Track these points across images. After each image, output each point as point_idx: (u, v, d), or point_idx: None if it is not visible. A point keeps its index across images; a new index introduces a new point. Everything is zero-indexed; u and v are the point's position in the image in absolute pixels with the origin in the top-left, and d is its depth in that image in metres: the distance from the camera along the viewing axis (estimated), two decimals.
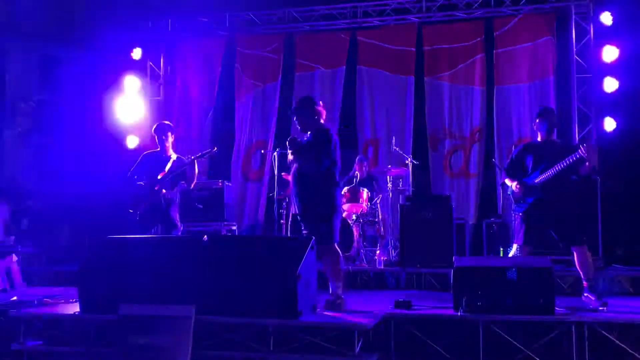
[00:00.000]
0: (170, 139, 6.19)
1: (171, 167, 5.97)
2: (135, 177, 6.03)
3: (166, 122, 6.41)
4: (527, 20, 8.77)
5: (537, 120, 5.20)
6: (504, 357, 4.19)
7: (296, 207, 4.93)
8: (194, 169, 5.95)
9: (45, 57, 10.51)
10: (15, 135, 10.28)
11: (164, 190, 5.88)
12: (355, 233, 7.43)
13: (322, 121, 5.00)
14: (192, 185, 6.15)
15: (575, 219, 5.05)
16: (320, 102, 5.09)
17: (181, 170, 5.94)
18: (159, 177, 5.91)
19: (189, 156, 6.11)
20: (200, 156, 5.97)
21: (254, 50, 9.79)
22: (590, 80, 8.32)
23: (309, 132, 4.99)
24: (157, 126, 6.27)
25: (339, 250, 4.84)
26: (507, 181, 5.30)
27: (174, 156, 6.12)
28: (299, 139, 5.00)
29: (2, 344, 4.49)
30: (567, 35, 8.61)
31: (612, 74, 7.93)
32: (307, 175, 4.84)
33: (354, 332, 3.93)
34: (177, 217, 6.10)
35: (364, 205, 7.62)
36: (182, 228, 6.22)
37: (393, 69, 9.29)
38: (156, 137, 6.19)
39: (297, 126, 5.07)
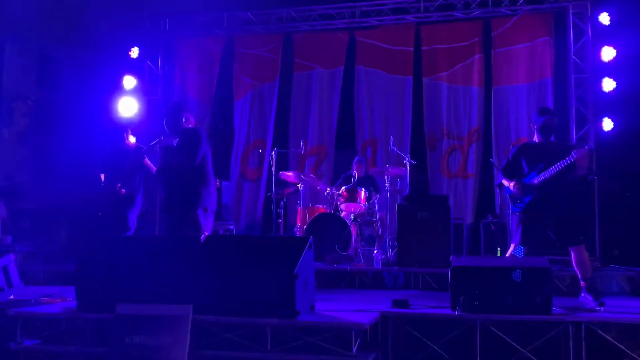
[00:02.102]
0: (129, 133, 6.46)
1: (132, 158, 6.06)
2: (102, 175, 6.15)
3: (125, 118, 6.61)
4: (525, 21, 8.78)
5: (536, 121, 5.20)
6: (501, 357, 4.19)
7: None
8: (147, 161, 6.05)
9: (43, 56, 10.50)
10: (13, 135, 10.26)
11: (123, 191, 5.93)
12: (353, 233, 7.44)
13: (190, 125, 5.34)
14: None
15: (572, 219, 5.06)
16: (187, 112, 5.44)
17: (138, 163, 6.01)
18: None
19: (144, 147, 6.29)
20: (150, 147, 6.05)
21: (252, 49, 9.79)
22: (588, 80, 8.33)
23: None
24: (118, 124, 6.44)
25: None
26: (505, 182, 5.30)
27: (132, 145, 6.29)
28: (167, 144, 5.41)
29: None
30: (564, 36, 8.62)
31: (610, 75, 7.94)
32: (179, 171, 5.16)
33: (351, 331, 3.93)
34: (133, 218, 6.13)
35: (362, 205, 7.63)
36: (133, 230, 6.23)
37: (391, 69, 9.29)
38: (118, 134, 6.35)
39: (166, 129, 5.35)
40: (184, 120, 5.27)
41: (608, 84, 7.92)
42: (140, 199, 6.23)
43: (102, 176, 6.17)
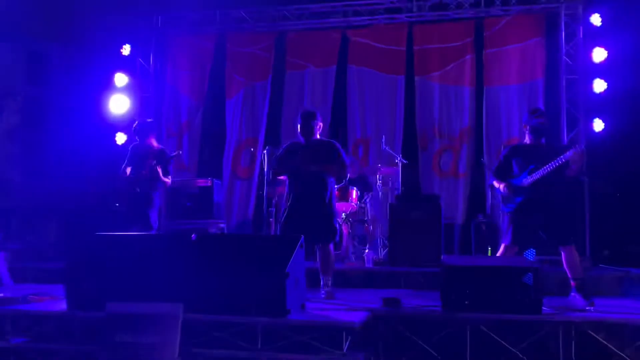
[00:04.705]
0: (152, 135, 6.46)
1: (158, 158, 6.13)
2: (128, 169, 6.19)
3: (149, 119, 6.67)
4: (517, 21, 8.81)
5: (527, 122, 5.22)
6: (491, 356, 4.20)
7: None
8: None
9: (33, 52, 10.42)
10: (2, 132, 10.19)
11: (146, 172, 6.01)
12: (345, 232, 7.44)
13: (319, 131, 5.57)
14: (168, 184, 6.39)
15: (563, 220, 5.07)
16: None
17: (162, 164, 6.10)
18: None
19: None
20: (168, 159, 6.24)
21: (244, 48, 9.76)
22: (579, 81, 8.36)
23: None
24: (138, 126, 6.48)
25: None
26: (495, 183, 5.32)
27: (157, 146, 6.34)
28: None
29: None
30: (556, 36, 8.64)
31: (601, 76, 7.97)
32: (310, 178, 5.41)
33: (342, 330, 3.93)
34: (155, 217, 6.17)
35: (353, 204, 7.63)
36: (156, 229, 6.29)
37: (383, 68, 9.29)
38: (138, 137, 6.43)
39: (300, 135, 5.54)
40: (317, 127, 5.46)
41: (599, 85, 7.95)
42: (158, 199, 6.31)
43: (128, 170, 6.23)
